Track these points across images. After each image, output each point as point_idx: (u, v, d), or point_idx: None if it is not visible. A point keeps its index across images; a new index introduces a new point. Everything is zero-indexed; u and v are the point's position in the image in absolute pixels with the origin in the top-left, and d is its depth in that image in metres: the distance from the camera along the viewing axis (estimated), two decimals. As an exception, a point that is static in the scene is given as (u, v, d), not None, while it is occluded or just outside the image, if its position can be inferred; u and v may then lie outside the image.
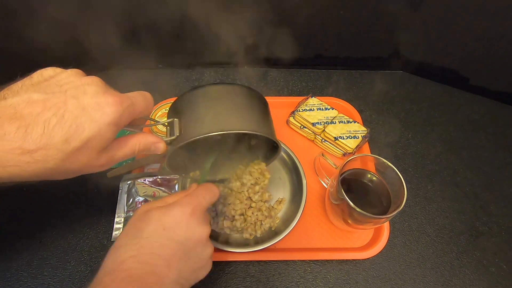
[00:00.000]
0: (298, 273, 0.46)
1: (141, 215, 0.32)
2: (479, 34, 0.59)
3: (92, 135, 0.25)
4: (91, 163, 0.27)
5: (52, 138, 0.23)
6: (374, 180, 0.45)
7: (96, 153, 0.27)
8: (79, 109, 0.25)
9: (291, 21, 0.62)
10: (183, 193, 0.36)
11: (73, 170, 0.27)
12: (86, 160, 0.26)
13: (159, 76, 0.70)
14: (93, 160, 0.27)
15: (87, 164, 0.27)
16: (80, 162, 0.26)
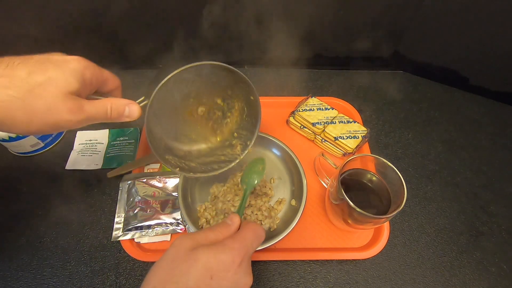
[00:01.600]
0: (298, 273, 0.46)
1: (186, 254, 0.28)
2: (479, 34, 0.59)
3: (55, 75, 0.29)
4: (58, 105, 0.29)
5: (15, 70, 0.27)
6: (374, 180, 0.45)
7: (62, 95, 0.29)
8: (45, 59, 0.29)
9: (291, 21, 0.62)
10: (226, 229, 0.33)
11: (39, 111, 0.28)
12: (51, 99, 0.28)
13: (159, 76, 0.70)
14: (59, 101, 0.29)
15: (53, 104, 0.29)
16: (45, 99, 0.28)
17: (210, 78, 0.43)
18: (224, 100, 0.45)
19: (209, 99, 0.45)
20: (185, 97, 0.43)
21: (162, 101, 0.39)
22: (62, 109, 0.29)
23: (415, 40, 0.65)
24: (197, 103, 0.44)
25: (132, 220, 0.47)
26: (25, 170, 0.55)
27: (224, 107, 0.46)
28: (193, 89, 0.43)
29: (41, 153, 0.57)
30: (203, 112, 0.45)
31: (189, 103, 0.44)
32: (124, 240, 0.46)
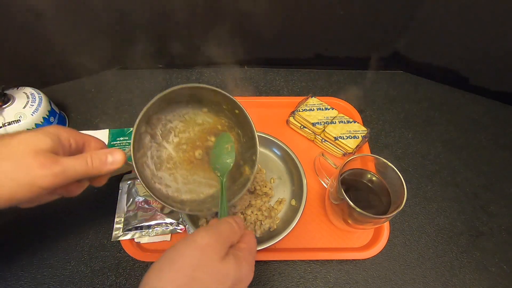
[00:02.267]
0: (298, 273, 0.46)
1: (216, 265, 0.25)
2: (479, 34, 0.59)
3: (25, 136, 0.28)
4: (27, 161, 0.26)
5: None
6: (374, 180, 0.45)
7: (32, 152, 0.27)
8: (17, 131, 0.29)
9: (291, 21, 0.62)
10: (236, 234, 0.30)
11: (8, 168, 0.26)
12: (20, 156, 0.27)
13: (159, 76, 0.70)
14: (29, 157, 0.27)
15: (22, 160, 0.26)
16: (13, 157, 0.27)
17: (194, 119, 0.43)
18: (217, 135, 0.44)
19: (202, 140, 0.44)
20: (177, 146, 0.43)
21: (155, 158, 0.40)
22: (32, 164, 0.26)
23: (415, 40, 0.65)
24: (192, 148, 0.43)
25: (132, 220, 0.47)
26: (25, 170, 0.55)
27: None
28: (182, 136, 0.43)
29: (41, 153, 0.57)
30: (201, 155, 0.44)
31: (184, 150, 0.43)
32: (124, 240, 0.46)
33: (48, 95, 0.58)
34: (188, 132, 0.43)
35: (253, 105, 0.63)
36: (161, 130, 0.42)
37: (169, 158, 0.42)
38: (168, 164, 0.42)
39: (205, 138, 0.44)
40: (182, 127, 0.43)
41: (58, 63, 0.64)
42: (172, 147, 0.42)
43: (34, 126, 0.53)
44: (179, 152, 0.43)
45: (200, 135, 0.44)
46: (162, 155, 0.42)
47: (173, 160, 0.42)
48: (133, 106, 0.65)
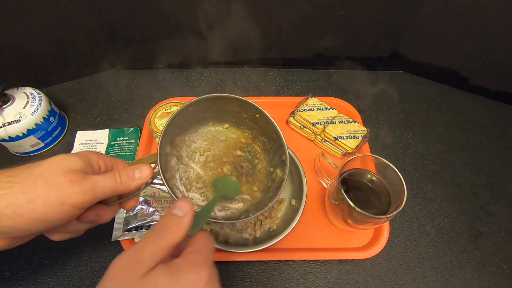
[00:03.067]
0: (298, 273, 0.46)
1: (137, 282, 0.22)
2: (479, 34, 0.59)
3: (57, 158, 0.28)
4: (58, 179, 0.26)
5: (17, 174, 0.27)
6: (374, 180, 0.45)
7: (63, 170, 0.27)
8: None
9: (291, 21, 0.62)
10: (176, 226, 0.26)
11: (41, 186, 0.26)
12: (51, 174, 0.27)
13: (159, 76, 0.70)
14: (59, 175, 0.27)
15: (53, 178, 0.26)
16: (45, 177, 0.27)
17: (217, 137, 0.44)
18: (243, 149, 0.44)
19: (228, 155, 0.44)
20: (204, 165, 0.42)
21: (184, 179, 0.40)
22: (63, 182, 0.26)
23: (415, 40, 0.65)
24: (219, 165, 0.43)
25: (132, 220, 0.47)
26: (25, 170, 0.55)
27: (247, 156, 0.44)
28: (208, 154, 0.43)
29: (41, 153, 0.57)
30: (230, 169, 0.43)
31: (212, 168, 0.42)
32: (124, 240, 0.46)
33: (48, 95, 0.58)
34: (213, 150, 0.44)
35: (253, 105, 0.63)
36: (186, 151, 0.42)
37: (198, 177, 0.42)
38: (197, 184, 0.41)
39: (231, 153, 0.44)
40: (206, 145, 0.43)
41: (58, 63, 0.64)
42: (200, 166, 0.42)
43: (34, 126, 0.53)
44: (207, 171, 0.42)
45: (225, 151, 0.44)
46: (190, 176, 0.41)
47: (202, 179, 0.42)
48: (133, 106, 0.65)
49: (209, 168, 0.43)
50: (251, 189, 0.42)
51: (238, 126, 0.45)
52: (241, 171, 0.43)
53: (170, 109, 0.58)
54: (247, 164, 0.43)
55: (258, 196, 0.42)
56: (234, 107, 0.41)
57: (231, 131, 0.45)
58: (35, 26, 0.56)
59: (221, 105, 0.41)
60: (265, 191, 0.42)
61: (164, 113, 0.58)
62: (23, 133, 0.52)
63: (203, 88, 0.68)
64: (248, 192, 0.42)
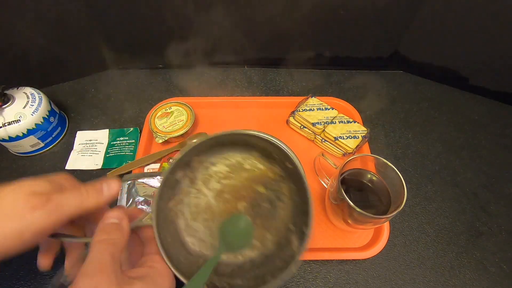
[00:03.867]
0: (298, 273, 0.46)
1: None
2: (479, 34, 0.59)
3: (20, 183, 0.26)
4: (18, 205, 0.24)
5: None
6: (374, 180, 0.45)
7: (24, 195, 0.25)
8: None
9: (291, 21, 0.62)
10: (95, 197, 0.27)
11: None
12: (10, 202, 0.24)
13: (159, 76, 0.70)
14: (19, 202, 0.24)
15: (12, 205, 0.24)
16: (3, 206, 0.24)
17: (241, 164, 0.38)
18: (267, 186, 0.37)
19: (248, 190, 0.37)
20: (218, 195, 0.37)
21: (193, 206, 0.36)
22: (23, 209, 0.23)
23: (415, 40, 0.65)
24: (235, 198, 0.37)
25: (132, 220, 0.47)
26: (25, 170, 0.55)
27: (270, 195, 0.37)
28: (226, 183, 0.37)
29: (41, 153, 0.57)
30: (245, 208, 0.37)
31: (226, 200, 0.37)
32: (124, 240, 0.46)
33: (48, 95, 0.58)
34: (232, 179, 0.38)
35: (253, 105, 0.63)
36: (202, 173, 0.37)
37: (208, 207, 0.37)
38: (205, 215, 0.36)
39: (251, 188, 0.37)
40: (226, 172, 0.38)
41: (58, 63, 0.64)
42: (213, 195, 0.37)
43: (34, 126, 0.53)
44: (219, 202, 0.37)
45: (246, 184, 0.38)
46: (200, 203, 0.37)
47: (211, 210, 0.37)
48: (133, 106, 0.65)
49: (222, 199, 0.37)
50: (264, 235, 0.36)
51: (268, 159, 0.38)
52: (258, 212, 0.36)
53: (170, 109, 0.58)
54: (267, 205, 0.37)
55: (269, 247, 0.35)
56: (263, 146, 0.36)
57: (259, 161, 0.38)
58: (35, 26, 0.56)
59: (250, 143, 0.37)
60: (278, 247, 0.35)
61: (164, 113, 0.58)
62: (23, 133, 0.52)
63: (203, 88, 0.68)
64: (260, 238, 0.35)
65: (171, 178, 0.34)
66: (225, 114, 0.62)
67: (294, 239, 0.34)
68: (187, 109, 0.58)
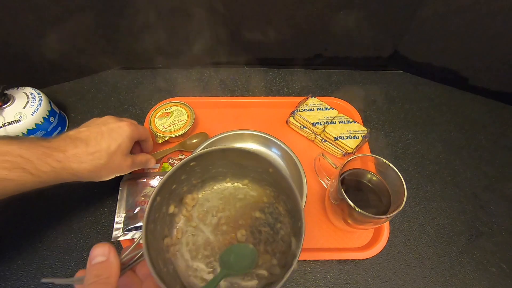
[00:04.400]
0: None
1: None
2: (479, 34, 0.59)
3: (120, 143, 0.42)
4: (122, 163, 0.43)
5: (101, 145, 0.40)
6: (374, 180, 0.45)
7: (124, 155, 0.43)
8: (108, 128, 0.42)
9: (291, 21, 0.62)
10: None
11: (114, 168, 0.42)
12: (119, 160, 0.42)
13: (159, 76, 0.70)
14: (122, 160, 0.43)
15: (120, 163, 0.42)
16: (116, 161, 0.42)
17: (234, 195, 0.39)
18: (264, 210, 0.38)
19: (246, 218, 0.37)
20: (215, 228, 0.37)
21: (191, 244, 0.35)
22: (124, 165, 0.43)
23: (415, 40, 0.65)
24: (233, 228, 0.37)
25: (132, 220, 0.47)
26: (25, 170, 0.55)
27: (268, 218, 0.37)
28: (222, 215, 0.38)
29: (41, 153, 0.57)
30: (245, 235, 0.36)
31: (224, 232, 0.37)
32: (124, 240, 0.46)
33: (48, 95, 0.58)
34: (228, 210, 0.38)
35: (253, 105, 0.63)
36: (198, 211, 0.38)
37: (207, 243, 0.36)
38: (205, 251, 0.35)
39: (248, 215, 0.37)
40: (221, 205, 0.38)
41: (58, 63, 0.64)
42: (210, 230, 0.37)
43: (34, 126, 0.53)
44: (218, 235, 0.36)
45: (242, 212, 0.38)
46: (198, 240, 0.36)
47: (211, 246, 0.36)
48: (133, 106, 0.65)
49: (220, 232, 0.37)
50: (269, 262, 0.34)
51: (259, 182, 0.39)
52: (259, 238, 0.36)
53: (170, 109, 0.58)
54: (267, 229, 0.36)
55: (277, 273, 0.33)
56: (245, 160, 0.36)
57: (251, 187, 0.39)
58: (35, 26, 0.56)
59: (232, 159, 0.36)
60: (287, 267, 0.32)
61: (164, 113, 0.58)
62: (23, 133, 0.52)
63: (203, 88, 0.68)
64: (266, 265, 0.34)
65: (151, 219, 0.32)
66: (225, 114, 0.62)
67: (293, 241, 0.34)
68: (187, 109, 0.58)
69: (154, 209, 0.32)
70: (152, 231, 0.31)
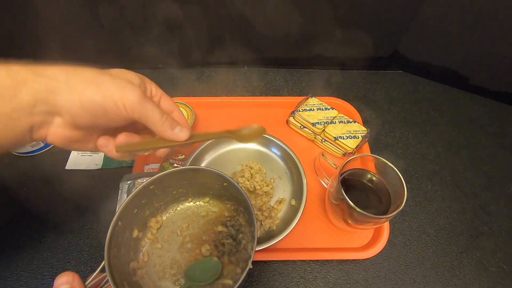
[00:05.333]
0: (298, 273, 0.46)
1: None
2: (479, 34, 0.59)
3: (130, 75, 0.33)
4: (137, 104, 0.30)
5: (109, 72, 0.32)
6: (374, 180, 0.45)
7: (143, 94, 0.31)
8: None
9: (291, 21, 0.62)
10: None
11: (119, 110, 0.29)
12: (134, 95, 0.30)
13: (159, 76, 0.70)
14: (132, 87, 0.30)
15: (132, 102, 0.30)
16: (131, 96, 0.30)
17: (197, 213, 0.40)
18: (226, 224, 0.39)
19: (209, 233, 0.39)
20: (181, 246, 0.38)
21: (158, 266, 0.36)
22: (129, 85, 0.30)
23: (415, 40, 0.65)
24: (198, 245, 0.38)
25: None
26: (25, 170, 0.55)
27: (230, 231, 0.39)
28: (186, 234, 0.39)
29: (41, 153, 0.57)
30: (210, 250, 0.38)
31: (189, 249, 0.38)
32: (124, 240, 0.46)
33: (48, 95, 0.57)
34: (192, 228, 0.39)
35: (253, 105, 0.63)
36: (163, 232, 0.39)
37: (173, 262, 0.37)
38: (172, 270, 0.36)
39: (211, 230, 0.39)
40: (185, 224, 0.40)
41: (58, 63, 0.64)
42: (176, 249, 0.38)
43: (34, 126, 0.53)
44: (183, 253, 0.38)
45: (205, 228, 0.39)
46: (164, 261, 0.37)
47: (177, 264, 0.37)
48: (133, 106, 0.65)
49: (186, 250, 0.38)
50: (234, 271, 0.36)
51: (219, 198, 0.41)
52: (222, 250, 0.37)
53: (170, 109, 0.58)
54: (230, 241, 0.38)
55: (241, 279, 0.34)
56: (201, 178, 0.38)
57: (212, 204, 0.41)
58: (35, 26, 0.56)
59: (189, 179, 0.38)
60: None
61: (164, 113, 0.58)
62: (23, 133, 0.52)
63: (203, 88, 0.68)
64: (231, 275, 0.35)
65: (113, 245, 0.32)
66: (225, 114, 0.62)
67: (248, 247, 0.36)
68: (187, 109, 0.58)
69: (116, 233, 0.33)
70: (116, 255, 0.32)
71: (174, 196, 0.40)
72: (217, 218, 0.40)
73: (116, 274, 0.30)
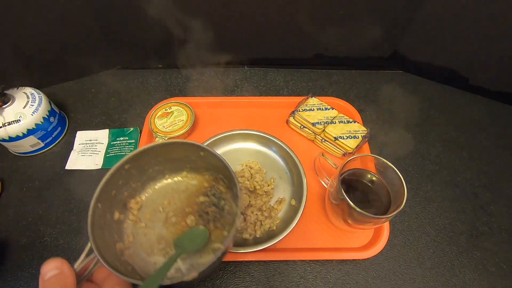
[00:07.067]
0: (298, 273, 0.46)
1: None
2: (479, 34, 0.59)
3: None
4: None
5: None
6: (374, 180, 0.45)
7: None
8: None
9: (291, 21, 0.62)
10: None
11: None
12: None
13: (159, 76, 0.70)
14: None
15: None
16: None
17: (177, 189, 0.40)
18: (206, 193, 0.40)
19: (191, 205, 0.40)
20: (165, 222, 0.39)
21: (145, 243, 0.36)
22: None
23: (415, 40, 0.65)
24: (182, 217, 0.39)
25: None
26: (25, 170, 0.55)
27: (212, 199, 0.40)
28: (169, 209, 0.39)
29: (41, 153, 0.57)
30: (194, 220, 0.39)
31: (174, 223, 0.38)
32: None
33: (48, 95, 0.58)
34: (174, 204, 0.40)
35: (253, 105, 0.63)
36: (145, 212, 0.39)
37: (160, 237, 0.38)
38: (160, 245, 0.37)
39: (193, 201, 0.40)
40: (166, 201, 0.40)
41: (58, 63, 0.64)
42: (161, 225, 0.38)
43: (34, 126, 0.53)
44: (169, 228, 0.38)
45: (187, 201, 0.40)
46: (151, 238, 0.37)
47: (164, 239, 0.38)
48: (133, 106, 0.65)
49: (171, 224, 0.39)
50: (221, 235, 0.37)
51: (197, 170, 0.41)
52: (207, 218, 0.39)
53: (170, 109, 0.58)
54: (213, 209, 0.39)
55: None
56: (176, 153, 0.38)
57: (190, 177, 0.41)
58: (35, 26, 0.56)
59: (164, 154, 0.38)
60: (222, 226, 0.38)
61: (164, 113, 0.58)
62: (23, 133, 0.52)
63: (203, 88, 0.68)
64: (219, 239, 0.37)
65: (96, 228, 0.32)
66: (225, 114, 0.62)
67: (233, 207, 0.38)
68: (187, 109, 0.58)
69: (98, 215, 0.33)
70: (100, 236, 0.32)
71: (151, 175, 0.40)
72: (198, 190, 0.41)
73: (104, 252, 0.31)
